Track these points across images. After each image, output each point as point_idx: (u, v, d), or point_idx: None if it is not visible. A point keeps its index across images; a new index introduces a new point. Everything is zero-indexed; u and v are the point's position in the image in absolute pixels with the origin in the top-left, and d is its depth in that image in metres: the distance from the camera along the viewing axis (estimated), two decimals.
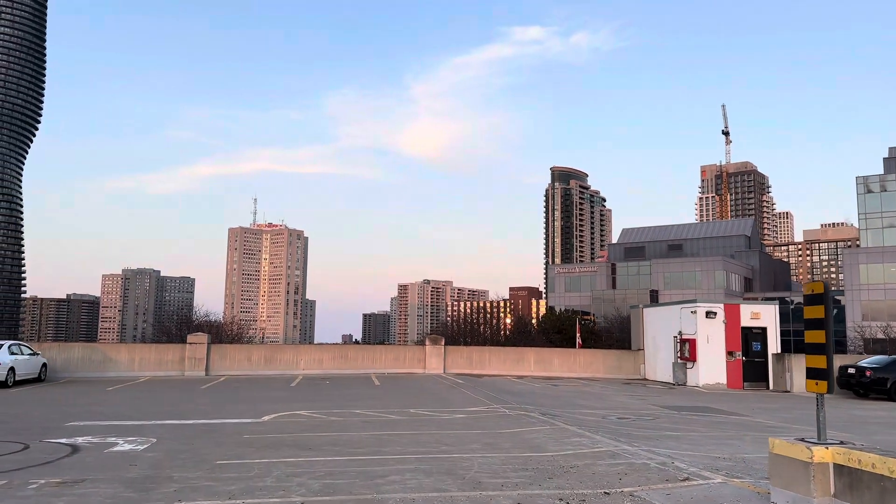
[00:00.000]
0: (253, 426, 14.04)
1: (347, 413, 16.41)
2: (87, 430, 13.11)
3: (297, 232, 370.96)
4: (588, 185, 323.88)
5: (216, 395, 21.26)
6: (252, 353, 30.41)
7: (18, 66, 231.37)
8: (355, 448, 11.06)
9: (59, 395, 20.83)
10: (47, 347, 27.99)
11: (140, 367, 28.25)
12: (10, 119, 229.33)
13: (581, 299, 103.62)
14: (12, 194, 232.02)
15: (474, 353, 31.63)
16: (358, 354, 30.95)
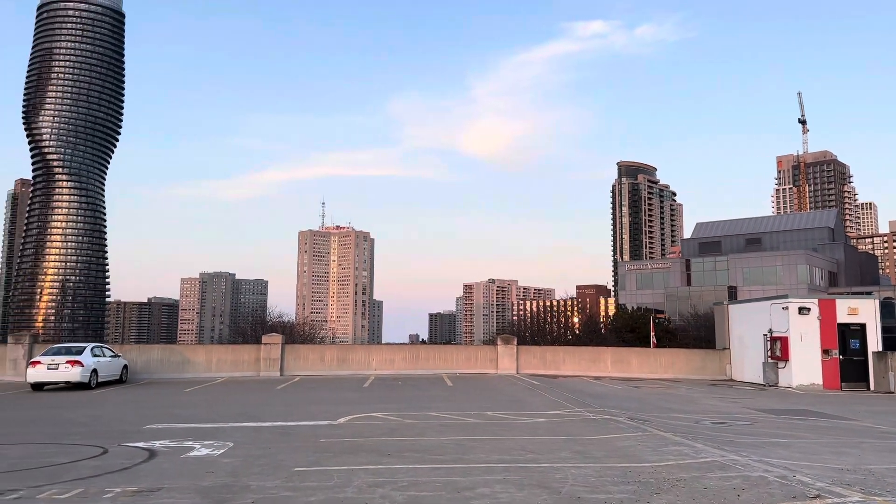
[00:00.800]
0: (329, 429, 13.63)
1: (423, 415, 15.85)
2: (164, 434, 12.98)
3: (363, 233, 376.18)
4: (657, 179, 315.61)
5: (291, 397, 21.12)
6: (325, 353, 30.36)
7: (100, 81, 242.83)
8: (436, 454, 10.43)
9: (138, 397, 21.10)
10: (128, 350, 28.65)
11: (217, 368, 28.55)
12: (93, 132, 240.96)
13: (653, 297, 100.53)
14: (96, 204, 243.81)
15: (548, 352, 30.66)
16: (429, 354, 30.48)
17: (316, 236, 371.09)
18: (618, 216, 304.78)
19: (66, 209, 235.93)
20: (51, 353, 23.34)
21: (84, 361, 22.98)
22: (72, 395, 21.09)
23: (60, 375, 22.56)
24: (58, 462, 9.88)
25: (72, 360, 22.73)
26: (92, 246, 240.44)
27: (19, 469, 9.32)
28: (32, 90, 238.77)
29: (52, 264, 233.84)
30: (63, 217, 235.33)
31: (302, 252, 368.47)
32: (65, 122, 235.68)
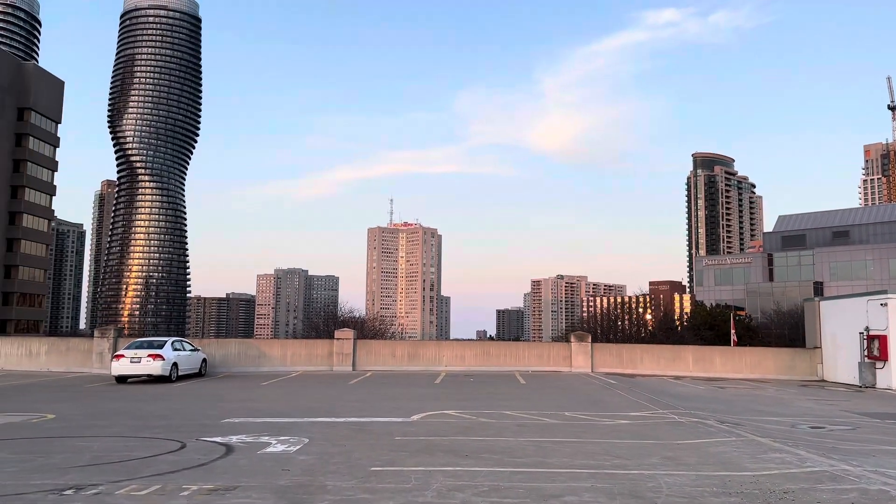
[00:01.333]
0: (403, 426, 13.36)
1: (498, 414, 15.38)
2: (241, 428, 12.98)
3: (430, 230, 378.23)
4: (735, 170, 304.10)
5: (364, 392, 21.04)
6: (396, 349, 30.30)
7: (178, 85, 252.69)
8: (516, 457, 9.94)
9: (216, 390, 21.46)
10: (207, 344, 29.34)
11: (292, 362, 28.90)
12: (173, 134, 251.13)
13: (733, 293, 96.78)
14: (177, 203, 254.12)
15: (624, 350, 29.63)
16: (500, 351, 29.97)
17: (384, 233, 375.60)
18: (693, 210, 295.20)
19: (148, 209, 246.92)
20: (133, 347, 24.07)
21: (165, 355, 23.59)
22: (153, 388, 21.65)
23: (142, 369, 23.22)
24: (137, 456, 9.92)
25: (153, 354, 23.36)
26: (173, 244, 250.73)
27: (101, 462, 9.38)
28: (116, 95, 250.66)
29: (137, 261, 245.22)
30: (146, 216, 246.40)
31: (371, 249, 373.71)
32: (147, 124, 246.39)
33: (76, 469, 8.85)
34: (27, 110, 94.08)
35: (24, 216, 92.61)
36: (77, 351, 28.74)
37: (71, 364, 28.38)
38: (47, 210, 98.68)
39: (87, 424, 13.56)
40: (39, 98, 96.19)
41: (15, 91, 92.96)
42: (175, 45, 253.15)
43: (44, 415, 14.95)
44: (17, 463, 9.29)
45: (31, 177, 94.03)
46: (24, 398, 18.68)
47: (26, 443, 11.13)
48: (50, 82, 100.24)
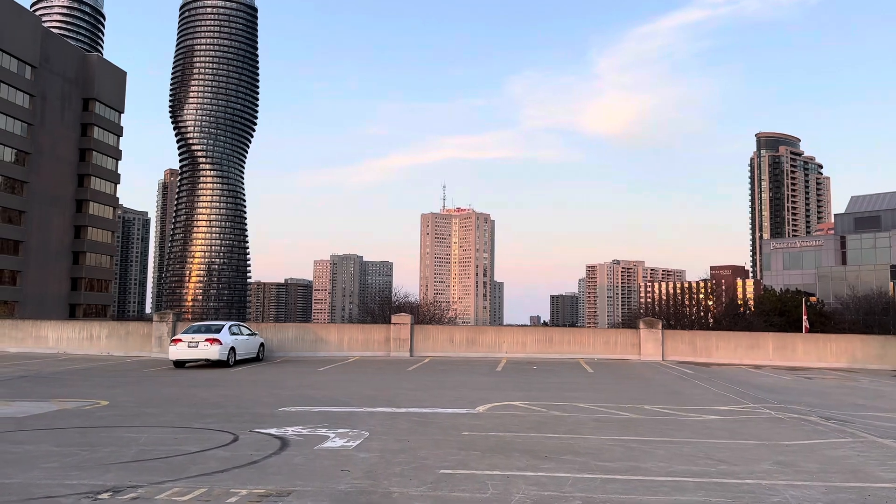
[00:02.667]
0: (469, 419, 12.30)
1: (570, 407, 14.17)
2: (297, 418, 12.17)
3: (483, 215, 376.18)
4: (800, 150, 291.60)
5: (423, 379, 20.12)
6: (454, 334, 29.32)
7: (236, 74, 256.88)
8: (604, 460, 8.75)
9: (273, 376, 20.89)
10: (264, 328, 28.96)
11: (349, 347, 28.27)
12: (232, 124, 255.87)
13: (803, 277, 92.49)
14: (237, 191, 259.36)
15: (697, 337, 27.89)
16: (563, 338, 28.63)
17: (437, 219, 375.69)
18: (756, 192, 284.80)
19: (209, 196, 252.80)
20: (191, 332, 23.74)
21: (222, 340, 23.17)
22: (210, 373, 21.23)
23: (200, 353, 22.86)
24: (186, 451, 9.14)
25: (211, 339, 22.97)
26: (234, 230, 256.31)
27: (145, 458, 8.62)
28: (177, 85, 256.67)
29: (199, 248, 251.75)
30: (207, 204, 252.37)
31: (424, 234, 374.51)
32: (207, 114, 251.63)
33: (118, 466, 8.09)
34: (91, 101, 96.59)
35: (90, 204, 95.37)
36: (137, 335, 28.77)
37: (131, 348, 28.41)
38: (112, 198, 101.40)
39: (138, 413, 12.98)
40: (103, 88, 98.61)
41: (80, 82, 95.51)
42: (232, 34, 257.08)
43: (98, 401, 14.49)
44: (60, 457, 8.61)
45: (96, 165, 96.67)
46: (82, 383, 18.42)
47: (75, 433, 10.53)
48: (113, 73, 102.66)
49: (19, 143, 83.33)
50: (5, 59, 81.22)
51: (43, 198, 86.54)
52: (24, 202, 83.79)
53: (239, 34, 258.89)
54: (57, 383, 18.38)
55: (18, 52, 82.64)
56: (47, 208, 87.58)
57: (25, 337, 29.00)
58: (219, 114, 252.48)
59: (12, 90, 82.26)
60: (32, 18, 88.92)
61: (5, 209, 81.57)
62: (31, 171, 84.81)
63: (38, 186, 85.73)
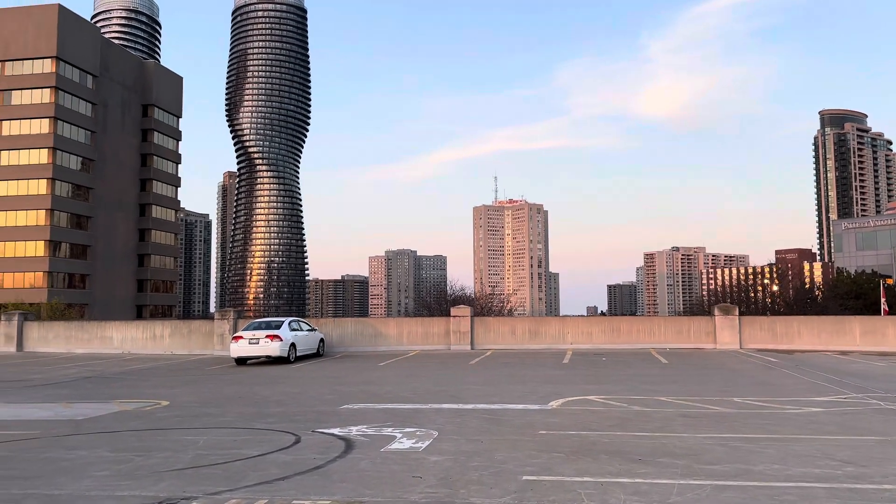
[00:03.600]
0: (543, 416, 11.39)
1: (651, 401, 13.09)
2: (361, 416, 11.50)
3: (536, 206, 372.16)
4: (868, 127, 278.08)
5: (487, 373, 19.28)
6: (516, 326, 28.37)
7: (289, 76, 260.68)
8: (708, 463, 7.72)
9: (334, 372, 20.40)
10: (323, 323, 28.63)
11: (408, 340, 27.69)
12: (286, 125, 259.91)
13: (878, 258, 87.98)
14: (293, 191, 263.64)
15: (777, 323, 26.18)
16: (632, 327, 27.33)
17: (490, 211, 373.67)
18: (822, 171, 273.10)
19: (267, 197, 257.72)
20: (251, 328, 23.51)
21: (282, 336, 22.86)
22: (271, 370, 20.89)
23: (260, 350, 22.59)
24: (245, 455, 8.53)
25: (271, 335, 22.67)
26: (291, 229, 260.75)
27: (202, 465, 8.02)
28: (232, 89, 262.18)
29: (259, 247, 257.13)
30: (265, 204, 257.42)
31: (477, 227, 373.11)
32: (262, 116, 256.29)
33: (173, 474, 7.51)
34: (150, 106, 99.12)
35: (153, 207, 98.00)
36: (199, 333, 28.84)
37: (193, 347, 28.50)
38: (174, 201, 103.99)
39: (198, 413, 12.54)
40: (161, 94, 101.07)
41: (139, 89, 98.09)
42: (284, 37, 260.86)
43: (158, 402, 14.17)
44: (113, 464, 8.10)
45: (157, 170, 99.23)
46: (144, 383, 18.27)
47: (131, 437, 10.08)
48: (170, 79, 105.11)
49: (84, 151, 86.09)
50: (68, 69, 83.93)
51: (108, 203, 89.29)
52: (90, 208, 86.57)
53: (290, 36, 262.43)
54: (119, 384, 18.28)
55: (80, 62, 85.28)
56: (112, 213, 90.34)
57: (91, 338, 29.44)
58: (273, 115, 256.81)
59: (76, 99, 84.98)
60: (92, 29, 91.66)
61: (73, 215, 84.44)
62: (95, 177, 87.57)
63: (103, 192, 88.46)
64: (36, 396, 15.59)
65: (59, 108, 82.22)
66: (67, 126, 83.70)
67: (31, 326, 30.61)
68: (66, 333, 30.05)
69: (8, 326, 30.21)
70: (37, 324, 31.27)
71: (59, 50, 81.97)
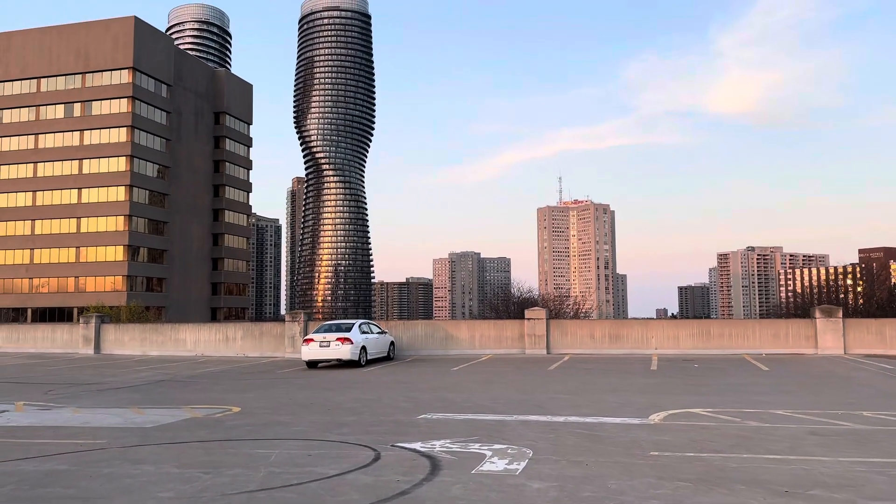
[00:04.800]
0: (648, 433, 10.12)
1: (766, 415, 11.60)
2: (441, 428, 10.51)
3: (602, 206, 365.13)
4: None
5: (570, 380, 18.01)
6: (594, 329, 26.90)
7: (354, 82, 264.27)
8: (870, 497, 6.34)
9: (407, 377, 19.54)
10: (393, 325, 27.92)
11: (480, 344, 26.64)
12: (351, 130, 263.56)
13: None
14: (358, 195, 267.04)
15: (887, 326, 23.84)
16: (723, 330, 25.46)
17: (554, 212, 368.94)
18: None
19: (334, 202, 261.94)
20: (322, 331, 22.96)
21: (353, 339, 22.21)
22: (342, 374, 20.21)
23: (331, 353, 22.00)
24: (321, 473, 7.64)
25: (342, 338, 22.06)
26: (357, 233, 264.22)
27: (274, 486, 7.17)
28: (300, 96, 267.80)
29: (326, 251, 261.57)
30: (332, 209, 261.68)
31: (541, 228, 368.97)
32: (328, 122, 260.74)
33: (242, 498, 6.67)
34: (222, 114, 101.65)
35: (225, 212, 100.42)
36: (270, 336, 28.59)
37: (265, 349, 28.26)
38: (245, 206, 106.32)
39: (270, 421, 11.82)
40: (232, 102, 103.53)
41: (210, 97, 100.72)
42: (349, 43, 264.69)
43: (230, 408, 13.57)
44: (178, 482, 7.35)
45: (229, 176, 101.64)
46: (215, 388, 17.84)
47: (200, 449, 9.37)
48: (240, 86, 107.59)
49: (160, 158, 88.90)
50: (144, 79, 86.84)
51: (183, 208, 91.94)
52: (167, 213, 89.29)
53: (355, 42, 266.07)
54: (191, 388, 17.91)
55: (155, 72, 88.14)
56: (187, 218, 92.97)
57: (165, 340, 29.63)
58: (339, 121, 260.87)
59: (151, 108, 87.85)
60: (166, 40, 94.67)
61: (150, 220, 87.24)
62: (171, 183, 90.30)
63: (178, 197, 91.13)
64: (108, 401, 15.29)
65: (136, 118, 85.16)
66: (144, 134, 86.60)
67: (108, 329, 31.09)
68: (141, 336, 30.37)
69: (86, 329, 30.78)
70: (113, 326, 31.77)
71: (136, 61, 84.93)
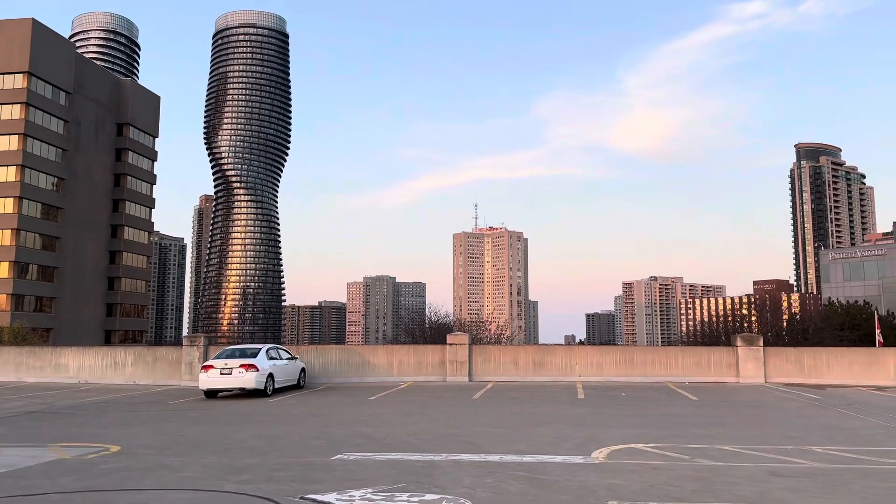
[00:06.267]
0: (597, 474, 8.95)
1: (714, 451, 10.72)
2: (361, 472, 8.96)
3: (516, 234, 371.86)
4: (842, 160, 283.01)
5: (498, 410, 16.76)
6: (518, 355, 25.87)
7: (269, 100, 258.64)
8: None
9: (320, 408, 17.74)
10: (305, 351, 25.93)
11: (399, 371, 25.06)
12: (265, 149, 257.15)
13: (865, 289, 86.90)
14: (271, 216, 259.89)
15: (806, 355, 24.00)
16: (646, 358, 24.99)
17: (470, 238, 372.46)
18: (798, 203, 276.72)
19: (244, 221, 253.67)
20: (224, 357, 20.78)
21: (259, 365, 20.16)
22: (246, 405, 18.17)
23: (234, 381, 19.86)
24: None
25: (246, 364, 19.97)
26: (268, 254, 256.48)
27: None
28: (211, 112, 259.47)
29: (234, 272, 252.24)
30: (242, 228, 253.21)
31: (457, 254, 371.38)
32: (240, 140, 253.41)
33: None
34: (126, 125, 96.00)
35: (125, 229, 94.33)
36: (165, 361, 25.94)
37: (158, 376, 25.59)
38: (147, 223, 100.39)
39: (153, 464, 9.88)
40: (137, 113, 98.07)
41: (114, 107, 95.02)
42: (265, 61, 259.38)
43: (107, 446, 11.47)
44: None
45: (131, 190, 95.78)
46: (96, 421, 15.47)
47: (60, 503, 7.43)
48: (146, 98, 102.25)
49: (55, 169, 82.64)
50: (40, 85, 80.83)
51: (78, 223, 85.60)
52: (59, 228, 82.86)
53: (271, 60, 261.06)
54: (67, 420, 15.46)
55: (52, 78, 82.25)
56: (82, 233, 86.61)
57: (44, 366, 26.37)
58: (252, 139, 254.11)
59: (47, 116, 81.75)
60: (67, 45, 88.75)
61: (42, 235, 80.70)
62: (66, 196, 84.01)
63: (74, 212, 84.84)
64: None
65: (30, 125, 78.90)
66: (38, 143, 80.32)
67: None
68: (17, 360, 26.94)
69: None
70: None
71: (32, 65, 78.93)
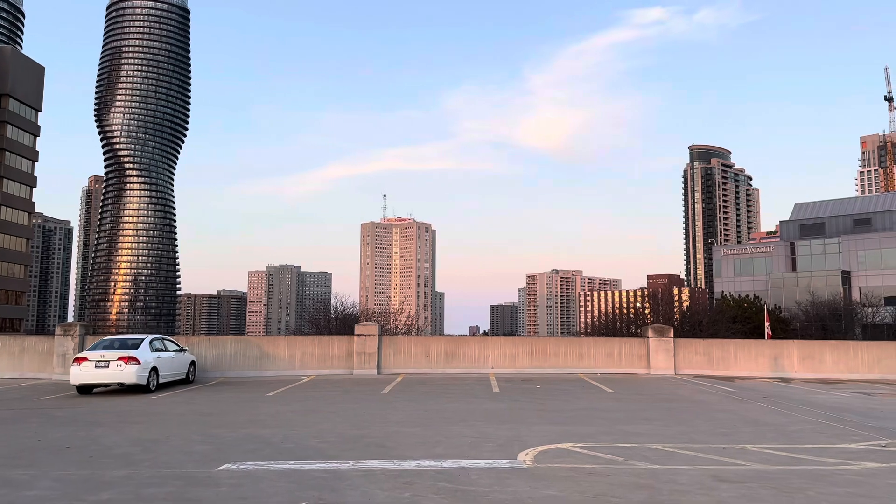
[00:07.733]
0: (525, 482, 7.84)
1: (648, 451, 9.89)
2: (252, 489, 7.45)
3: (424, 225, 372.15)
4: (731, 163, 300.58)
5: (410, 406, 15.49)
6: (430, 346, 24.69)
7: (167, 78, 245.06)
8: None
9: (209, 406, 15.86)
10: (196, 342, 23.71)
11: (301, 363, 23.33)
12: (161, 128, 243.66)
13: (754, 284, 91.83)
14: (166, 199, 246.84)
15: (714, 347, 24.13)
16: (559, 349, 24.42)
17: (378, 228, 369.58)
18: (690, 202, 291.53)
19: (137, 205, 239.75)
20: (100, 348, 18.41)
21: (141, 358, 17.95)
22: (123, 403, 16.02)
23: (111, 375, 17.60)
24: None
25: (125, 357, 17.73)
26: (162, 240, 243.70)
27: None
28: (103, 87, 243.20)
29: (125, 258, 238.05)
30: (134, 212, 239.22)
31: (364, 244, 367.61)
32: (134, 118, 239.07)
33: None
34: (4, 96, 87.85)
35: (1, 208, 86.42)
36: (34, 352, 23.05)
37: (26, 369, 22.71)
38: (28, 202, 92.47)
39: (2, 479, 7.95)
40: (18, 84, 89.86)
41: None
42: (163, 37, 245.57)
43: None
44: None
45: (9, 167, 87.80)
46: None
47: None
48: (29, 67, 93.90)
49: None
50: None
51: None
52: None
53: (170, 37, 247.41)
54: None
55: None
56: None
57: None
58: (147, 118, 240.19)
59: None
60: None
61: None
62: None
63: None
64: None
65: None
66: None
67: None
68: None
69: None
70: None
71: None
